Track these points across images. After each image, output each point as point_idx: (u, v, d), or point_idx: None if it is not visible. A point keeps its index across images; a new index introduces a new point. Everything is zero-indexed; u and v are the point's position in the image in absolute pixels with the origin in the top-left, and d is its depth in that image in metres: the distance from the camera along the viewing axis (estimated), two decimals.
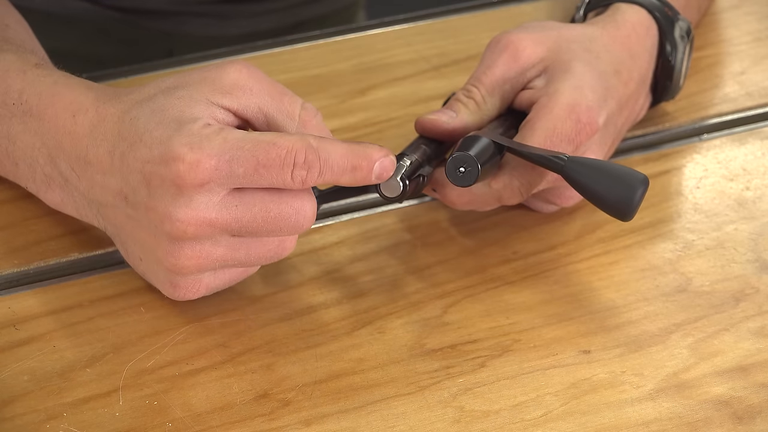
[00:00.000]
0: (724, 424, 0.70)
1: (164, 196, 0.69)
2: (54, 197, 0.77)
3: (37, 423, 0.69)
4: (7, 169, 0.79)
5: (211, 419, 0.69)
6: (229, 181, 0.69)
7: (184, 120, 0.69)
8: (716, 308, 0.77)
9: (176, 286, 0.72)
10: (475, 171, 0.73)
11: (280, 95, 0.73)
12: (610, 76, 0.82)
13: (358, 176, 0.71)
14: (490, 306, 0.77)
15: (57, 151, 0.75)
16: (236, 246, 0.71)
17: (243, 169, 0.68)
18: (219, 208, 0.69)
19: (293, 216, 0.70)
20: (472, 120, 0.80)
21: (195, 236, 0.70)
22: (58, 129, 0.74)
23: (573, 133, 0.78)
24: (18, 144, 0.77)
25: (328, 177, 0.70)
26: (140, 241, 0.72)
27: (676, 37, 0.87)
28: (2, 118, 0.77)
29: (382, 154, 0.71)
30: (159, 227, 0.70)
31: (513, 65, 0.81)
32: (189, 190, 0.68)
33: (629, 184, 0.73)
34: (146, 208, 0.70)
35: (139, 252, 0.73)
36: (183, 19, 1.14)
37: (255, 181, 0.69)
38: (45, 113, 0.75)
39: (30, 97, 0.76)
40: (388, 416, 0.70)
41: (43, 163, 0.76)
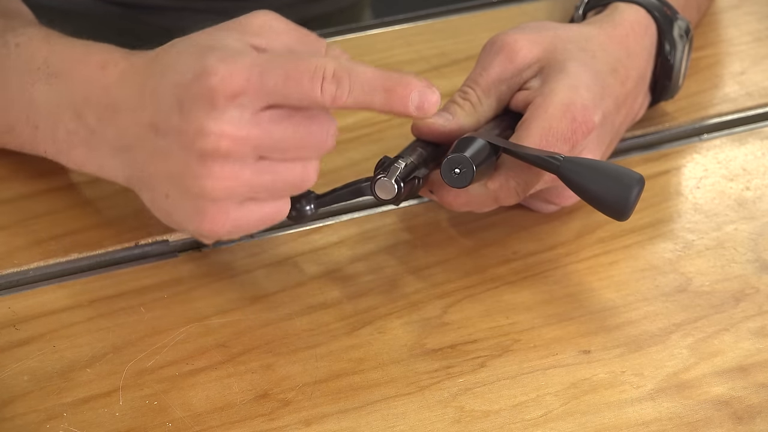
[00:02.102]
0: (724, 424, 0.70)
1: (197, 113, 0.69)
2: (77, 155, 0.77)
3: (37, 423, 0.69)
4: (24, 137, 0.79)
5: (211, 419, 0.69)
6: (260, 95, 0.68)
7: (216, 45, 0.70)
8: (716, 308, 0.77)
9: (204, 215, 0.71)
10: (470, 172, 0.73)
11: (306, 36, 0.73)
12: (607, 75, 0.82)
13: (392, 100, 0.69)
14: (490, 306, 0.77)
15: (84, 104, 0.75)
16: (263, 169, 0.70)
17: (273, 81, 0.68)
18: (251, 124, 0.69)
19: (320, 134, 0.70)
20: (469, 121, 0.80)
21: (226, 152, 0.69)
22: (86, 83, 0.75)
23: (569, 132, 0.78)
24: (41, 107, 0.77)
25: (358, 95, 0.69)
26: (168, 173, 0.71)
27: (675, 36, 0.87)
28: (25, 86, 0.78)
29: (424, 84, 0.70)
30: (190, 147, 0.69)
31: (509, 66, 0.81)
32: (222, 103, 0.68)
33: (625, 183, 0.73)
34: (178, 131, 0.70)
35: (166, 187, 0.72)
36: (183, 14, 1.14)
37: (285, 96, 0.68)
38: (73, 72, 0.76)
39: (56, 60, 0.77)
40: (388, 416, 0.70)
41: (67, 120, 0.76)
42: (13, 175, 0.85)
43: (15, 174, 0.85)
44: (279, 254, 0.80)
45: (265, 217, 0.73)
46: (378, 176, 0.73)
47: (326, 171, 0.86)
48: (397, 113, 0.70)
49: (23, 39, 0.79)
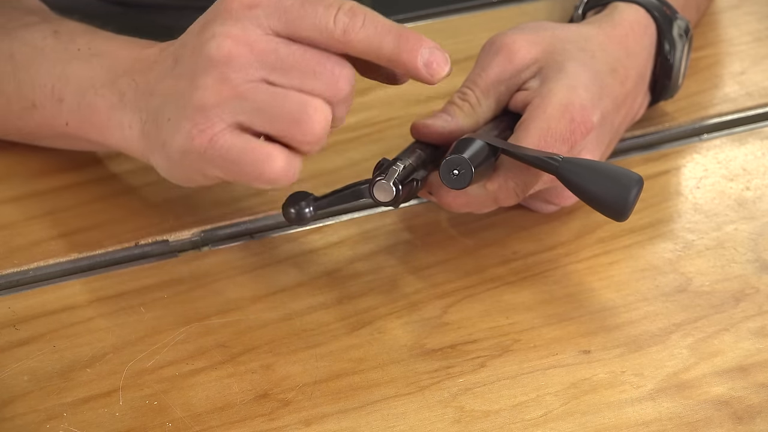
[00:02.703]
0: (724, 424, 0.70)
1: (213, 24, 0.70)
2: (100, 119, 0.77)
3: (37, 423, 0.69)
4: (45, 111, 0.80)
5: (211, 419, 0.69)
6: (275, 13, 0.69)
7: None
8: (716, 308, 0.77)
9: (195, 124, 0.69)
10: (469, 173, 0.73)
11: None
12: (606, 74, 0.82)
13: (402, 47, 0.69)
14: (489, 306, 0.77)
15: (122, 75, 0.76)
16: (261, 88, 0.69)
17: (291, 2, 0.69)
18: (261, 35, 0.69)
19: (331, 69, 0.69)
20: (468, 123, 0.80)
21: (229, 55, 0.69)
22: (128, 59, 0.77)
23: (567, 132, 0.78)
24: (72, 79, 0.79)
25: (370, 32, 0.69)
26: (174, 93, 0.71)
27: (675, 35, 0.87)
28: (59, 62, 0.79)
29: (436, 45, 0.70)
30: (199, 55, 0.70)
31: (507, 67, 0.81)
32: (237, 11, 0.69)
33: (624, 184, 0.73)
34: (192, 48, 0.71)
35: (170, 110, 0.71)
36: (184, 13, 1.14)
37: (299, 18, 0.68)
38: (117, 52, 0.78)
39: (100, 43, 0.79)
40: (388, 416, 0.70)
41: (98, 87, 0.77)
42: (12, 175, 0.85)
43: (15, 174, 0.85)
44: (279, 254, 0.80)
45: (250, 155, 0.70)
46: (376, 179, 0.73)
47: (326, 171, 0.86)
48: (403, 65, 0.69)
49: (63, 28, 0.81)
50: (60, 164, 0.86)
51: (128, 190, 0.84)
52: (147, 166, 0.84)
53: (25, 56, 0.81)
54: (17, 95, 0.81)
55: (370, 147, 0.89)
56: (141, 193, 0.84)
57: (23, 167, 0.85)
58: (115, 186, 0.85)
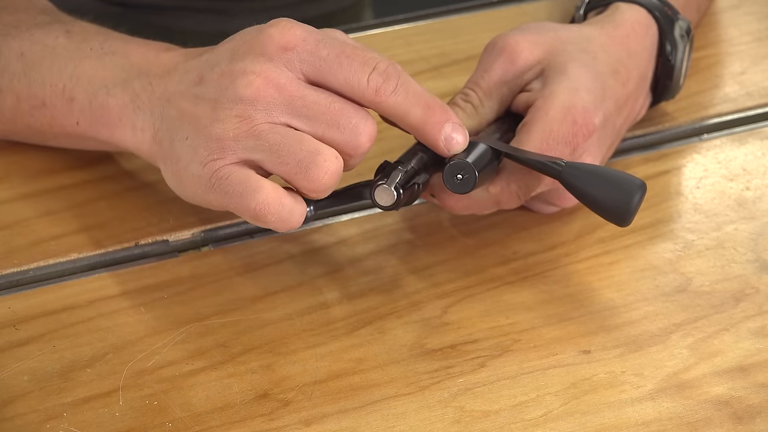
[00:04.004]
0: (724, 424, 0.70)
1: (246, 57, 0.71)
2: (111, 119, 0.77)
3: (37, 423, 0.69)
4: (55, 110, 0.80)
5: (211, 419, 0.69)
6: (310, 59, 0.70)
7: None
8: (716, 308, 0.77)
9: (211, 152, 0.70)
10: (473, 178, 0.73)
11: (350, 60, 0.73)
12: (608, 76, 0.82)
13: (428, 118, 0.72)
14: (490, 306, 0.77)
15: (137, 75, 0.77)
16: (280, 132, 0.70)
17: (327, 52, 0.70)
18: (291, 78, 0.70)
19: (354, 124, 0.70)
20: (470, 124, 0.80)
21: (258, 95, 0.70)
22: (144, 60, 0.78)
23: (569, 135, 0.78)
24: (83, 78, 0.79)
25: (401, 98, 0.71)
26: (194, 115, 0.72)
27: (676, 36, 0.87)
28: (71, 60, 0.80)
29: (459, 122, 0.73)
30: (226, 86, 0.70)
31: (510, 68, 0.81)
32: (272, 52, 0.70)
33: (627, 189, 0.73)
34: (220, 74, 0.71)
35: (189, 129, 0.72)
36: (183, 14, 1.14)
37: (332, 71, 0.70)
38: (132, 51, 0.78)
39: (115, 43, 0.80)
40: (388, 416, 0.70)
41: (111, 87, 0.77)
42: (13, 175, 0.85)
43: (15, 174, 0.85)
44: (279, 254, 0.80)
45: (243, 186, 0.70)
46: (378, 182, 0.73)
47: None
48: (425, 135, 0.72)
49: (76, 28, 0.82)
50: (60, 164, 0.86)
51: (128, 190, 0.84)
52: (147, 166, 0.84)
53: (36, 55, 0.81)
54: (27, 94, 0.81)
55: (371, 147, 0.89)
56: (141, 193, 0.84)
57: (23, 167, 0.85)
58: (115, 186, 0.85)
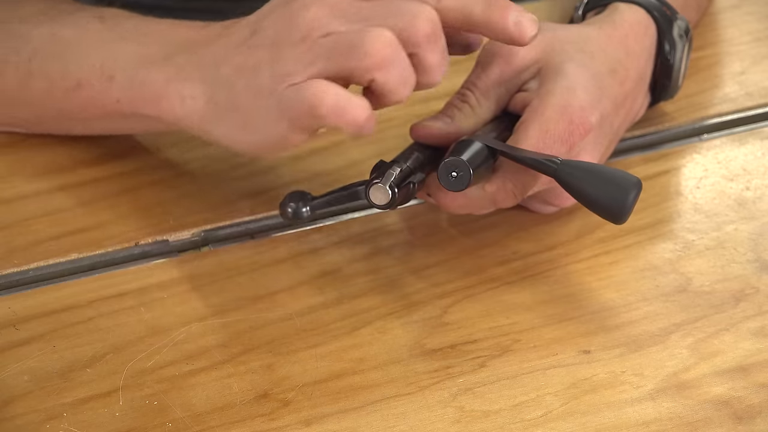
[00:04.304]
0: (724, 424, 0.70)
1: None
2: (156, 91, 0.76)
3: (37, 423, 0.69)
4: (93, 90, 0.79)
5: (211, 419, 0.69)
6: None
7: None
8: (716, 308, 0.77)
9: (276, 79, 0.70)
10: (467, 175, 0.73)
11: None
12: (605, 75, 0.81)
13: (493, 8, 0.71)
14: (489, 306, 0.77)
15: (180, 49, 0.76)
16: (333, 36, 0.69)
17: None
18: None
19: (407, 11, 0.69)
20: (467, 124, 0.80)
21: (314, 19, 0.69)
22: (186, 37, 0.78)
23: (566, 134, 0.78)
24: (121, 57, 0.78)
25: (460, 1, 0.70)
26: (256, 61, 0.71)
27: (675, 36, 0.87)
28: (106, 42, 0.79)
29: (520, 8, 0.72)
30: (285, 24, 0.70)
31: (507, 68, 0.81)
32: None
33: (622, 186, 0.73)
34: (276, 18, 0.71)
35: (250, 75, 0.71)
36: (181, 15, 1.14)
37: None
38: (169, 31, 0.79)
39: (151, 25, 0.80)
40: (388, 416, 0.70)
41: (150, 64, 0.77)
42: (13, 175, 0.85)
43: (15, 174, 0.85)
44: (279, 254, 0.80)
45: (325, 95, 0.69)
46: (372, 181, 0.73)
47: (326, 171, 0.86)
48: (494, 26, 0.71)
49: (107, 13, 0.81)
50: (60, 164, 0.86)
51: (128, 190, 0.84)
52: (148, 165, 0.84)
53: (69, 37, 0.80)
54: (61, 76, 0.80)
55: (369, 147, 0.89)
56: (141, 193, 0.84)
57: (23, 167, 0.85)
58: (115, 186, 0.85)
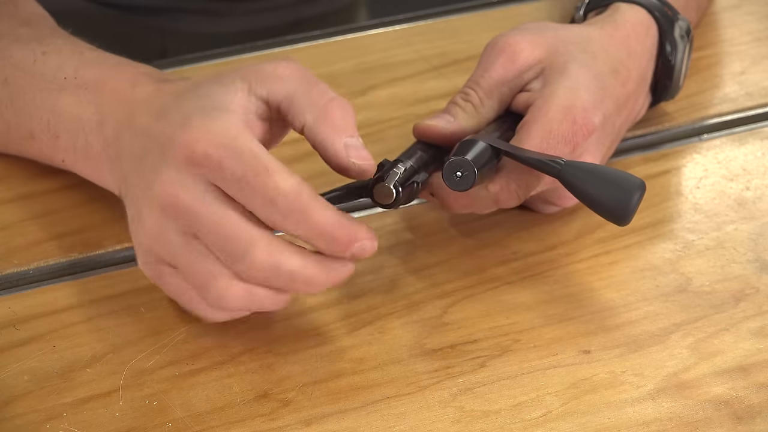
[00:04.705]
0: (724, 424, 0.70)
1: (165, 164, 0.69)
2: (89, 165, 0.78)
3: (37, 423, 0.69)
4: (43, 145, 0.80)
5: (211, 419, 0.69)
6: (214, 176, 0.68)
7: (216, 104, 0.70)
8: (716, 308, 0.77)
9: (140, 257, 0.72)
10: (472, 175, 0.73)
11: (311, 85, 0.72)
12: (607, 76, 0.82)
13: (332, 248, 0.68)
14: (490, 306, 0.77)
15: (109, 117, 0.76)
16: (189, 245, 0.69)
17: (230, 171, 0.67)
18: (193, 195, 0.68)
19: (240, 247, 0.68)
20: (470, 123, 0.80)
21: (164, 208, 0.69)
22: (116, 98, 0.76)
23: (569, 134, 0.78)
24: (64, 116, 0.78)
25: (302, 232, 0.67)
26: (134, 197, 0.72)
27: (676, 36, 0.87)
28: (49, 92, 0.79)
29: (368, 236, 0.68)
30: (148, 189, 0.70)
31: (510, 67, 0.81)
32: (181, 162, 0.68)
33: (626, 188, 0.73)
34: (151, 169, 0.70)
35: (133, 211, 0.72)
36: (177, 15, 1.14)
37: (235, 194, 0.68)
38: (104, 85, 0.77)
39: (87, 72, 0.78)
40: (388, 416, 0.70)
41: (88, 132, 0.77)
42: (13, 175, 0.85)
43: (15, 174, 0.85)
44: None
45: (176, 290, 0.72)
46: (377, 180, 0.73)
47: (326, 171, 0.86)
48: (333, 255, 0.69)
49: (51, 48, 0.80)
50: None
51: None
52: None
53: (18, 81, 0.80)
54: (16, 122, 0.81)
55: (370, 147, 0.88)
56: None
57: (22, 167, 0.85)
58: None
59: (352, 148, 0.71)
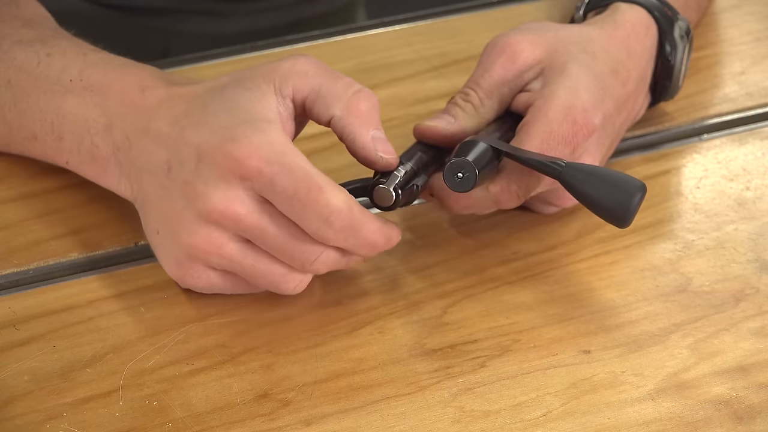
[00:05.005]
0: (724, 424, 0.70)
1: (209, 174, 0.70)
2: (97, 168, 0.78)
3: (37, 423, 0.69)
4: (46, 146, 0.80)
5: (211, 419, 0.69)
6: (264, 189, 0.70)
7: (256, 114, 0.71)
8: (716, 308, 0.77)
9: (181, 267, 0.73)
10: (473, 176, 0.73)
11: (335, 79, 0.74)
12: (607, 76, 0.82)
13: (371, 252, 0.72)
14: (490, 306, 0.77)
15: (118, 121, 0.76)
16: (248, 253, 0.72)
17: (282, 188, 0.69)
18: (250, 208, 0.70)
19: (305, 253, 0.71)
20: (470, 124, 0.80)
21: (218, 222, 0.70)
22: (124, 101, 0.76)
23: (570, 135, 0.78)
24: (69, 118, 0.78)
25: (349, 244, 0.71)
26: (164, 212, 0.73)
27: (676, 36, 0.87)
28: (54, 94, 0.79)
29: (398, 234, 0.73)
30: (191, 203, 0.71)
31: (511, 68, 0.81)
32: (232, 179, 0.70)
33: (626, 190, 0.73)
34: (185, 182, 0.71)
35: (160, 224, 0.74)
36: (179, 16, 1.14)
37: (284, 205, 0.70)
38: (111, 88, 0.77)
39: (93, 74, 0.78)
40: (388, 416, 0.70)
41: (93, 133, 0.77)
42: (13, 175, 0.85)
43: (15, 174, 0.85)
44: None
45: (242, 289, 0.75)
46: (377, 183, 0.73)
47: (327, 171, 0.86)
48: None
49: (55, 50, 0.80)
50: None
51: None
52: None
53: (22, 83, 0.80)
54: (18, 124, 0.81)
55: None
56: None
57: (23, 167, 0.85)
58: None
59: (378, 141, 0.74)
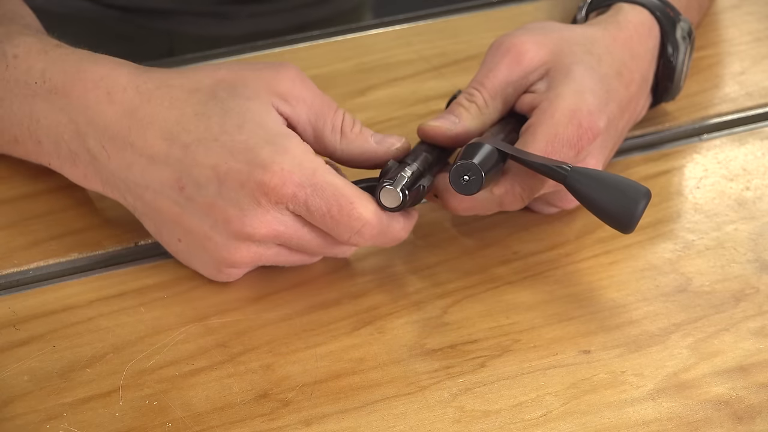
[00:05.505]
0: (724, 424, 0.70)
1: (239, 200, 0.72)
2: (77, 172, 0.78)
3: (37, 423, 0.69)
4: (28, 149, 0.80)
5: (211, 419, 0.69)
6: (299, 209, 0.72)
7: (270, 130, 0.73)
8: (716, 308, 0.77)
9: (220, 272, 0.76)
10: (479, 179, 0.73)
11: (327, 108, 0.76)
12: (612, 78, 0.81)
13: (392, 244, 0.77)
14: (490, 306, 0.77)
15: (87, 127, 0.76)
16: (283, 252, 0.75)
17: (317, 207, 0.72)
18: (287, 225, 0.73)
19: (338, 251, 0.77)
20: (475, 125, 0.80)
21: (258, 241, 0.73)
22: (88, 106, 0.76)
23: (575, 138, 0.77)
24: (42, 122, 0.78)
25: (378, 243, 0.75)
26: (186, 228, 0.74)
27: (678, 38, 0.87)
28: (24, 98, 0.78)
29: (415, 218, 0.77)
30: (223, 225, 0.73)
31: (515, 68, 0.81)
32: (266, 204, 0.72)
33: (631, 196, 0.73)
34: (208, 204, 0.72)
35: (181, 235, 0.75)
36: (183, 18, 1.14)
37: (318, 222, 0.73)
38: (72, 90, 0.76)
39: (54, 74, 0.77)
40: (388, 416, 0.70)
41: (68, 140, 0.77)
42: (13, 175, 0.85)
43: (15, 174, 0.85)
44: None
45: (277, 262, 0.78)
46: (384, 184, 0.73)
47: None
48: None
49: (21, 50, 0.79)
50: None
51: None
52: None
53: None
54: (0, 128, 0.80)
55: None
56: None
57: (23, 167, 0.85)
58: None
59: (383, 141, 0.77)
